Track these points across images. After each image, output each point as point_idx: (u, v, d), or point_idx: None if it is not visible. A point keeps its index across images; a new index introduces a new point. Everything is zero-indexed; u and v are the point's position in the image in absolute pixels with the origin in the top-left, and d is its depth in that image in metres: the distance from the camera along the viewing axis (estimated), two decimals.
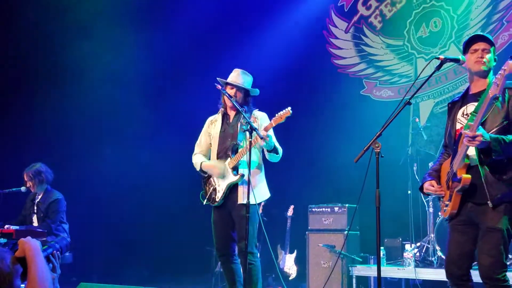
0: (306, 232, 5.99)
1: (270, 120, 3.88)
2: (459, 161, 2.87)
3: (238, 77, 4.13)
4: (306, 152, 7.13)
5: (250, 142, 3.67)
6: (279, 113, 3.80)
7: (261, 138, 3.68)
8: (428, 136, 6.28)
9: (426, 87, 6.91)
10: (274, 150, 3.89)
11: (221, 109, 4.20)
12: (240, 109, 3.82)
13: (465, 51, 2.99)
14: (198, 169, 4.13)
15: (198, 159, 4.16)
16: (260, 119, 4.06)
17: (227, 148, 4.02)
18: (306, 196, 6.57)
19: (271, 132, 3.92)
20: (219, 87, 3.88)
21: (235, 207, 3.90)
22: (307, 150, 7.14)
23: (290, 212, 6.44)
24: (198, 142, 4.25)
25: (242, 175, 3.91)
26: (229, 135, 4.07)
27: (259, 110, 4.15)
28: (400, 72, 7.24)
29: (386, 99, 7.31)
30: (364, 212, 5.19)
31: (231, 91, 4.06)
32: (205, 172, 4.13)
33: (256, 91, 4.15)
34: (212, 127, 4.19)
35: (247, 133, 3.71)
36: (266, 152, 3.95)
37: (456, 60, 2.96)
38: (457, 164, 2.87)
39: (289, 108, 3.77)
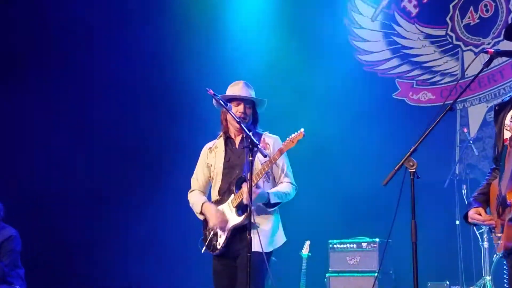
0: (327, 275, 6.08)
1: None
2: (507, 180, 2.79)
3: (243, 89, 4.22)
4: (324, 173, 7.21)
5: (252, 161, 3.70)
6: (289, 137, 3.90)
7: (264, 155, 3.79)
8: (480, 150, 6.44)
9: (476, 88, 7.00)
10: (269, 204, 4.02)
11: (222, 133, 4.27)
12: (247, 133, 3.82)
13: None
14: (198, 211, 4.23)
15: (197, 199, 4.26)
16: (272, 144, 4.16)
17: (232, 183, 4.11)
18: (326, 229, 6.68)
19: (280, 162, 4.08)
20: (211, 92, 3.90)
21: (241, 256, 3.98)
22: (325, 170, 7.22)
23: (305, 249, 6.42)
24: (194, 176, 4.34)
25: (249, 215, 3.92)
26: (236, 165, 4.16)
27: (270, 132, 4.26)
28: (442, 69, 7.39)
29: (425, 104, 7.45)
30: (399, 248, 5.23)
31: (237, 109, 4.12)
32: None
33: (264, 103, 4.26)
34: (212, 156, 4.27)
35: (247, 150, 3.77)
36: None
37: (511, 54, 2.96)
38: (506, 185, 2.79)
39: (302, 130, 3.88)
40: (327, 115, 7.44)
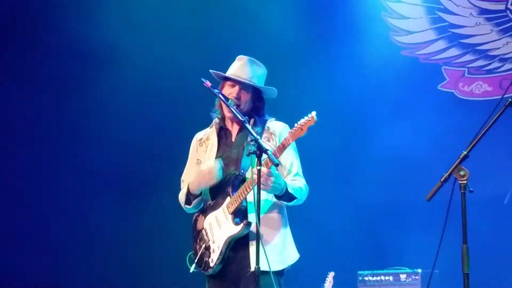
0: None
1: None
2: None
3: (243, 68, 4.31)
4: (349, 184, 7.24)
5: (259, 171, 3.77)
6: (298, 123, 3.94)
7: (276, 164, 3.81)
8: None
9: None
10: (286, 196, 4.08)
11: (216, 121, 4.37)
12: (241, 119, 3.94)
13: None
14: (184, 202, 4.36)
15: (182, 192, 4.39)
16: (279, 134, 4.24)
17: (227, 182, 4.19)
18: (353, 257, 6.72)
19: (288, 155, 4.14)
20: (208, 84, 4.01)
21: (243, 277, 4.06)
22: (351, 180, 7.25)
23: (329, 283, 6.45)
24: (183, 177, 4.47)
25: (248, 224, 4.06)
26: (232, 161, 4.24)
27: (276, 119, 4.33)
28: (502, 53, 7.40)
29: (480, 98, 7.48)
30: (447, 281, 5.31)
31: (230, 91, 4.23)
32: (196, 208, 4.35)
33: (273, 92, 4.34)
34: (203, 150, 4.37)
35: (254, 157, 3.82)
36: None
37: None
38: None
39: (313, 113, 3.90)
40: (355, 110, 7.53)
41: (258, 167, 3.78)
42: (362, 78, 7.67)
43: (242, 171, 4.16)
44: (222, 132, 4.36)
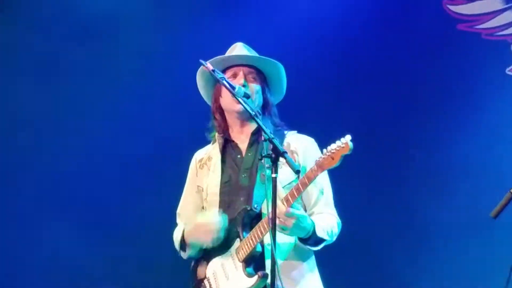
0: None
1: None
2: None
3: (243, 51, 4.13)
4: (399, 198, 6.89)
5: (274, 181, 3.41)
6: (327, 150, 3.62)
7: (297, 171, 3.47)
8: None
9: None
10: (312, 240, 3.80)
11: (217, 135, 4.17)
12: (252, 112, 3.64)
13: None
14: (179, 248, 4.18)
15: (177, 233, 4.23)
16: (303, 155, 4.01)
17: (235, 218, 3.97)
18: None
19: (318, 183, 3.89)
20: (209, 67, 3.72)
21: None
22: (395, 193, 6.89)
23: None
24: (179, 209, 4.34)
25: (265, 276, 3.75)
26: (241, 190, 4.01)
27: (298, 132, 4.19)
28: None
29: None
30: None
31: (233, 82, 3.95)
32: (195, 256, 4.13)
33: (282, 89, 4.16)
34: (204, 174, 4.18)
35: (267, 166, 3.58)
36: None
37: None
38: None
39: (348, 138, 3.56)
40: (397, 101, 6.98)
41: (274, 175, 3.45)
42: (405, 58, 7.06)
43: (256, 206, 3.89)
44: (228, 148, 4.12)
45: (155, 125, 7.32)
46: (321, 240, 3.86)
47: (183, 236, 4.11)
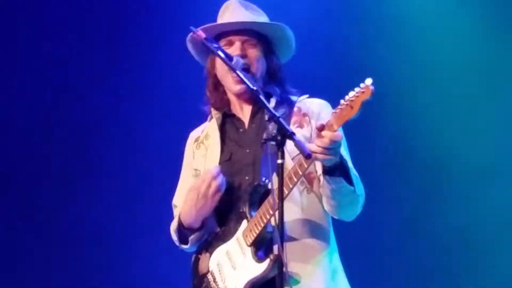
0: None
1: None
2: None
3: (239, 13, 3.85)
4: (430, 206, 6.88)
5: (281, 166, 3.14)
6: (346, 98, 3.30)
7: (307, 156, 3.17)
8: None
9: None
10: (345, 176, 3.47)
11: (214, 111, 3.95)
12: (252, 87, 3.37)
13: None
14: (178, 240, 3.89)
15: (173, 223, 3.98)
16: (318, 113, 3.78)
17: (241, 198, 3.76)
18: None
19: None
20: (201, 35, 3.47)
21: None
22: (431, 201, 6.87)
23: None
24: (175, 199, 4.09)
25: (278, 259, 3.27)
26: (246, 166, 3.80)
27: (310, 96, 3.99)
28: None
29: None
30: None
31: (229, 51, 3.70)
32: (190, 240, 3.86)
33: (290, 48, 3.89)
34: (201, 154, 3.99)
35: (271, 145, 3.25)
36: (327, 189, 3.54)
37: None
38: None
39: (369, 81, 3.23)
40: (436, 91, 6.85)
41: (280, 160, 3.16)
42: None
43: (264, 180, 3.62)
44: (228, 124, 3.91)
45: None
46: (349, 182, 3.49)
47: (180, 221, 3.85)
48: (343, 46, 6.91)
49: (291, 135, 3.18)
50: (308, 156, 3.24)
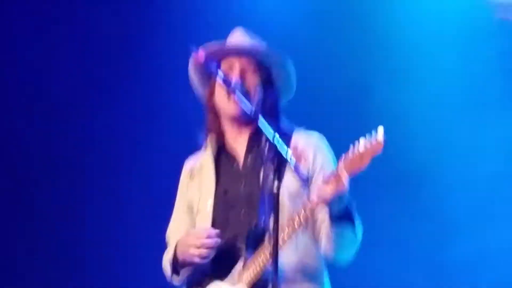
0: None
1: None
2: None
3: (243, 39, 3.88)
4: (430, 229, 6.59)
5: (277, 195, 3.08)
6: (356, 148, 3.28)
7: (304, 180, 3.31)
8: None
9: None
10: (346, 217, 3.45)
11: (209, 139, 3.89)
12: (251, 108, 3.45)
13: None
14: (171, 271, 3.80)
15: (167, 254, 3.89)
16: (314, 154, 3.72)
17: (237, 236, 3.67)
18: None
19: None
20: (202, 55, 3.43)
21: None
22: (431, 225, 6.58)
23: None
24: (169, 231, 4.01)
25: None
26: (242, 203, 3.71)
27: (306, 128, 3.93)
28: None
29: None
30: None
31: (231, 73, 3.72)
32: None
33: (290, 84, 3.86)
34: (194, 186, 3.91)
35: (270, 177, 3.17)
36: (332, 232, 3.49)
37: None
38: None
39: (380, 135, 3.21)
40: (432, 102, 6.69)
41: (275, 188, 3.11)
42: (436, 51, 6.76)
43: (263, 219, 3.53)
44: (223, 156, 3.87)
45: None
46: (351, 218, 3.48)
47: (175, 255, 3.77)
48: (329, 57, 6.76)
49: (288, 161, 3.22)
50: (306, 180, 3.31)
